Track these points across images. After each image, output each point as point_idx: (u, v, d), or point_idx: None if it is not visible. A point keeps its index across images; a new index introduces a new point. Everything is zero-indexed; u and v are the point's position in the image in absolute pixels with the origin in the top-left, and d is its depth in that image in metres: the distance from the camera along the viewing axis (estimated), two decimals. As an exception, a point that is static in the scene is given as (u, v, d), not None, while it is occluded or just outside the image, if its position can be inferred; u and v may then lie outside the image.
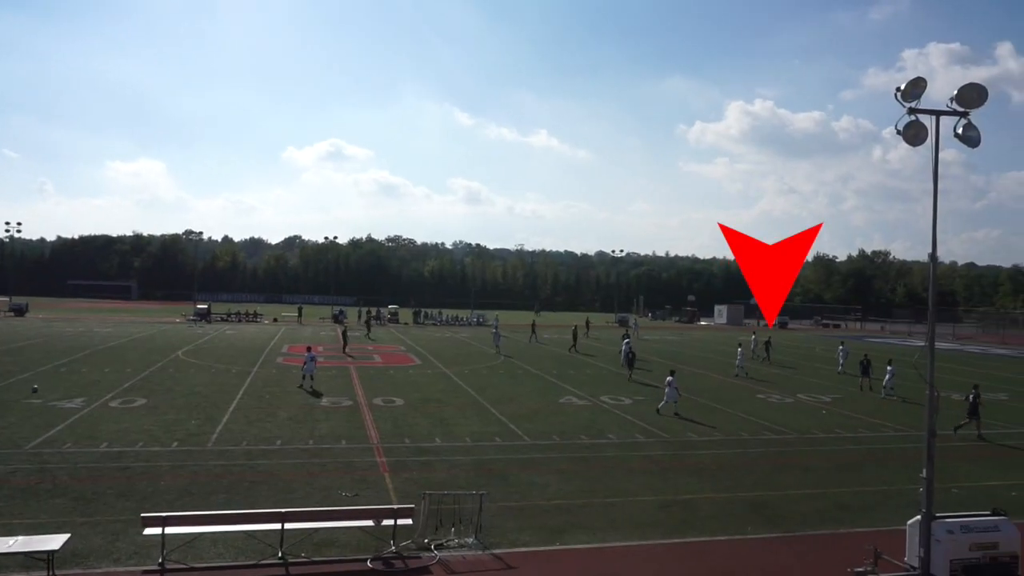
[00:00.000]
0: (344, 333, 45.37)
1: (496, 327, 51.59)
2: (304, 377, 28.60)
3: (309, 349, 30.66)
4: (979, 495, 16.23)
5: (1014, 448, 22.32)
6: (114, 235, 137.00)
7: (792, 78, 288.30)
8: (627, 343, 39.03)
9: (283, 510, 12.27)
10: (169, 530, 11.63)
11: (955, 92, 11.62)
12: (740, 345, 40.25)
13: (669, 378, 25.71)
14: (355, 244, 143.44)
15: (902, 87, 11.54)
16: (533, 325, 57.81)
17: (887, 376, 31.42)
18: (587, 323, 65.19)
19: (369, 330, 58.19)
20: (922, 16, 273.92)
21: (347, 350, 42.08)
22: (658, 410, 25.40)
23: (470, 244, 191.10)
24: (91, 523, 13.05)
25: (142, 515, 11.99)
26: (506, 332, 56.90)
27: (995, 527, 11.54)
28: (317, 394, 27.24)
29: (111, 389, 26.90)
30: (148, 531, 11.69)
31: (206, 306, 70.92)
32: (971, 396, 23.87)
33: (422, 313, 77.57)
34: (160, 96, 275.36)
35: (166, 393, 26.61)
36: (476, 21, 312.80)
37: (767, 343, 45.77)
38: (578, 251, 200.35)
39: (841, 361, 40.18)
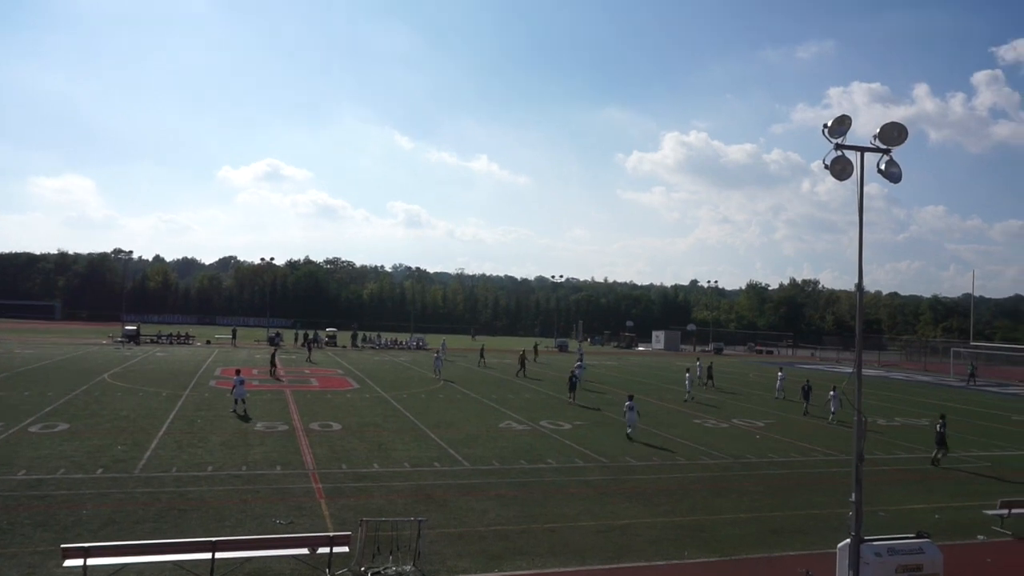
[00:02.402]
0: (272, 356, 44.43)
1: (441, 353, 50.59)
2: (236, 402, 27.88)
3: (238, 372, 29.96)
4: (904, 518, 16.80)
5: (936, 472, 23.15)
6: (37, 253, 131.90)
7: (725, 111, 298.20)
8: (579, 366, 40.19)
9: (214, 539, 11.88)
10: (91, 561, 11.13)
11: (878, 130, 12.19)
12: (688, 371, 40.92)
13: (628, 403, 26.10)
14: (293, 266, 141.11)
15: (829, 124, 12.04)
16: (482, 350, 58.03)
17: (831, 400, 32.62)
18: (535, 348, 65.16)
19: (310, 353, 56.86)
20: (845, 56, 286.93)
21: (276, 374, 41.38)
22: (628, 436, 25.73)
23: (410, 267, 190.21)
24: (6, 555, 12.39)
25: (62, 546, 11.44)
26: (451, 357, 56.90)
27: (920, 549, 11.93)
28: (247, 419, 26.54)
29: (31, 413, 25.71)
30: (68, 563, 11.15)
31: (135, 327, 68.70)
32: (939, 425, 24.35)
33: (360, 336, 76.52)
34: (86, 110, 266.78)
35: (91, 417, 25.56)
36: (415, 45, 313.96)
37: (709, 368, 46.64)
38: (518, 276, 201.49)
39: (779, 386, 41.15)
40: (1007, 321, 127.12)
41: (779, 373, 42.67)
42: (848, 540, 12.07)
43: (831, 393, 33.01)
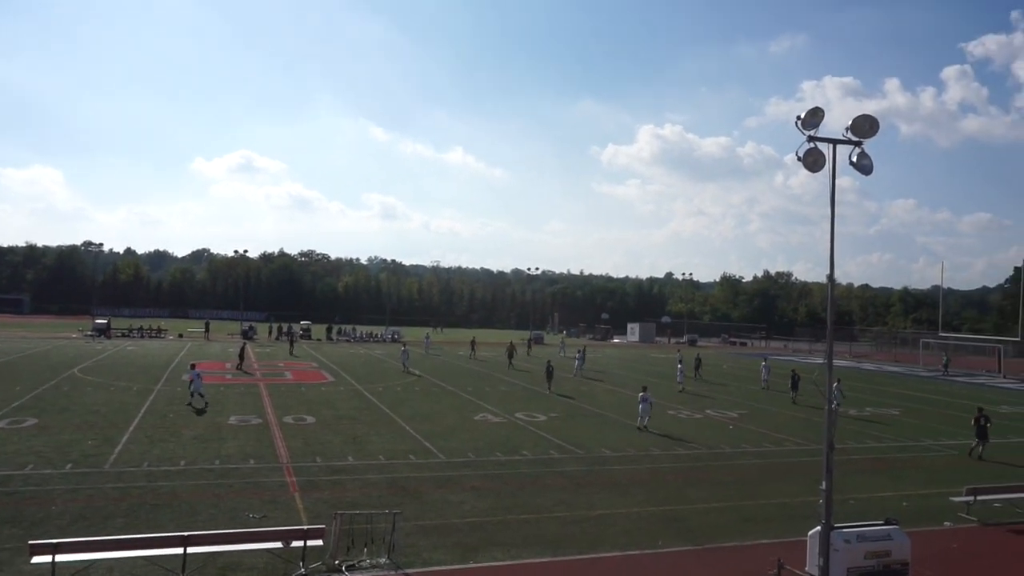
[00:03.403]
0: (241, 351, 43.99)
1: (413, 346, 50.53)
2: (193, 395, 27.62)
3: (193, 366, 30.00)
4: (874, 505, 17.06)
5: (905, 460, 23.55)
6: (4, 245, 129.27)
7: (699, 104, 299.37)
8: (579, 358, 43.50)
9: (185, 533, 11.76)
10: (60, 558, 10.96)
11: (850, 122, 12.31)
12: (680, 362, 41.37)
13: (642, 394, 26.67)
14: (266, 258, 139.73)
15: (802, 116, 12.14)
16: (473, 342, 58.77)
17: (836, 393, 32.99)
18: (528, 343, 65.67)
19: (292, 347, 55.59)
20: (818, 50, 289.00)
21: (242, 367, 41.36)
22: (644, 427, 26.20)
23: (385, 260, 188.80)
24: (-28, 552, 12.18)
25: (30, 542, 11.26)
26: (433, 350, 57.22)
27: (888, 536, 12.13)
28: (202, 412, 26.29)
29: (-2, 408, 25.27)
30: (36, 559, 10.99)
31: (106, 321, 67.69)
32: (979, 419, 24.29)
33: (335, 329, 75.97)
34: (55, 100, 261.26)
35: (60, 412, 25.17)
36: (390, 36, 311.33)
37: (697, 359, 47.09)
38: (495, 268, 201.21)
39: (765, 377, 41.71)
40: (974, 312, 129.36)
41: (763, 364, 43.17)
42: (819, 528, 12.25)
43: (835, 385, 33.32)
